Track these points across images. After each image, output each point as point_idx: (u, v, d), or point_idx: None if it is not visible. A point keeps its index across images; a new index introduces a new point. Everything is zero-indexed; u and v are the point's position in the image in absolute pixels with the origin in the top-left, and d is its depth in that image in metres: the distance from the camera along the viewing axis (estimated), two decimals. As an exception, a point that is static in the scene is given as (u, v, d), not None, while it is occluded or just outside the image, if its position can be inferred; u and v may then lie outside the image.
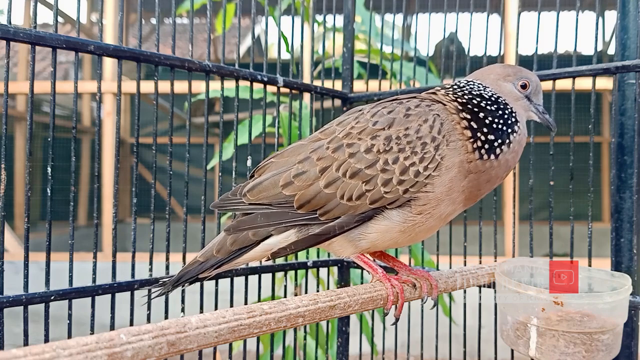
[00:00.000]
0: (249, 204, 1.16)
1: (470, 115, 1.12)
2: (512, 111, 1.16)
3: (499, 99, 1.17)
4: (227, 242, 1.16)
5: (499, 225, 4.91)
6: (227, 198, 1.21)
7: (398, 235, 1.10)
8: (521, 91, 1.21)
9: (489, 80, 1.22)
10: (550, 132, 1.30)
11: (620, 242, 1.41)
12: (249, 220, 1.15)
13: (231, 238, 1.15)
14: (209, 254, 1.17)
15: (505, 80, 1.21)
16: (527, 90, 1.21)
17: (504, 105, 1.16)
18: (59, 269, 1.64)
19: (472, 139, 1.09)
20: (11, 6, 1.18)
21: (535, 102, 1.23)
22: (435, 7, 1.83)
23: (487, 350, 1.71)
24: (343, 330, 1.88)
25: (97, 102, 1.39)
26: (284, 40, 2.18)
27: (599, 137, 7.45)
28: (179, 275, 1.18)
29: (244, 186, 1.19)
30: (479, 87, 1.19)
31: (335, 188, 1.09)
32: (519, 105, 1.20)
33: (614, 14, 5.57)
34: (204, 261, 1.17)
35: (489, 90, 1.19)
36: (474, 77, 1.25)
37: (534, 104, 1.22)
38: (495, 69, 1.24)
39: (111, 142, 5.30)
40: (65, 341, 0.66)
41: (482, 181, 1.11)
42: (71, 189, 1.29)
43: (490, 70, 1.25)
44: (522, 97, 1.21)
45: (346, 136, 1.13)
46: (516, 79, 1.21)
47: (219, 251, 1.16)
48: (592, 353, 1.10)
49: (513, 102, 1.19)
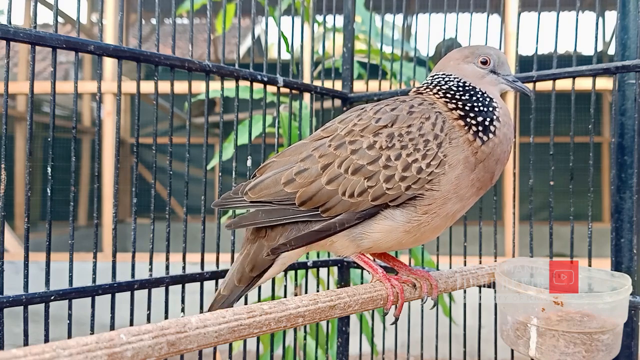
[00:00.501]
0: (250, 202, 1.16)
1: (455, 106, 1.13)
2: (481, 91, 1.16)
3: (465, 84, 1.17)
4: (245, 269, 1.18)
5: (499, 225, 4.91)
6: (228, 197, 1.21)
7: (402, 235, 1.10)
8: (483, 67, 1.20)
9: (450, 67, 1.22)
10: (528, 98, 1.29)
11: (620, 242, 1.41)
12: (250, 217, 1.15)
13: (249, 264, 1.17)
14: (231, 285, 1.20)
15: (465, 62, 1.21)
16: (489, 65, 1.21)
17: (473, 89, 1.16)
18: (59, 269, 1.64)
19: (466, 126, 1.10)
20: (11, 6, 1.18)
21: (502, 74, 1.22)
22: (435, 7, 1.83)
23: (487, 350, 1.71)
24: (343, 330, 1.88)
25: (97, 102, 1.39)
26: (284, 40, 2.18)
27: (599, 137, 7.44)
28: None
29: (246, 185, 1.19)
30: (445, 78, 1.20)
31: (337, 184, 1.09)
32: (486, 82, 1.20)
33: (614, 14, 5.56)
34: (228, 294, 1.20)
35: (453, 77, 1.19)
36: (436, 70, 1.25)
37: (501, 76, 1.22)
38: (452, 55, 1.24)
39: (111, 142, 5.30)
40: (65, 341, 0.66)
41: (492, 164, 1.12)
42: (71, 189, 1.29)
43: (448, 57, 1.25)
44: (486, 73, 1.20)
45: (348, 133, 1.13)
46: (475, 57, 1.21)
47: (240, 280, 1.19)
48: (592, 353, 1.10)
49: (479, 82, 1.19)
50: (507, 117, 1.16)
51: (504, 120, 1.14)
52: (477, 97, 1.15)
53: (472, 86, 1.17)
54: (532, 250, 1.56)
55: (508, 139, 1.14)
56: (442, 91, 1.17)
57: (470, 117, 1.11)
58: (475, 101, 1.14)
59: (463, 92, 1.16)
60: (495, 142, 1.11)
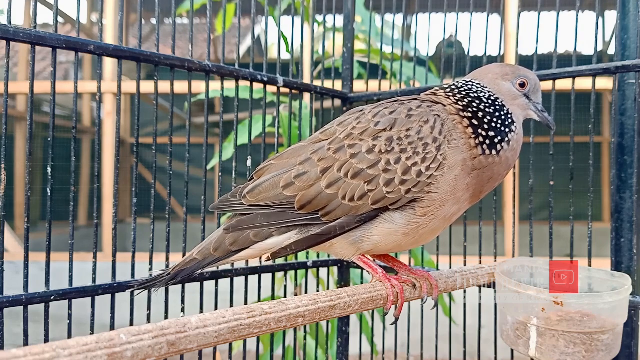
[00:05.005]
0: (249, 206, 1.16)
1: (471, 114, 1.13)
2: (508, 112, 1.17)
3: (496, 100, 1.17)
4: (225, 241, 1.15)
5: (499, 225, 4.91)
6: (226, 200, 1.21)
7: (401, 238, 1.10)
8: (520, 90, 1.21)
9: (487, 79, 1.22)
10: (549, 130, 1.31)
11: (620, 242, 1.41)
12: (249, 220, 1.15)
13: (231, 237, 1.15)
14: (206, 251, 1.16)
15: (503, 80, 1.21)
16: (525, 88, 1.21)
17: (501, 106, 1.17)
18: (59, 269, 1.64)
19: (474, 135, 1.10)
20: (11, 6, 1.18)
21: (534, 101, 1.23)
22: (435, 7, 1.83)
23: (487, 350, 1.71)
24: (343, 330, 1.88)
25: (97, 102, 1.39)
26: (284, 40, 2.18)
27: (599, 137, 7.44)
28: (175, 272, 1.16)
29: (244, 188, 1.19)
30: (477, 87, 1.20)
31: (337, 188, 1.09)
32: (517, 104, 1.20)
33: (614, 14, 5.56)
34: (201, 259, 1.16)
35: (487, 90, 1.19)
36: (472, 76, 1.25)
37: (532, 103, 1.22)
38: (493, 69, 1.24)
39: (111, 142, 5.30)
40: (65, 341, 0.66)
41: (485, 178, 1.12)
42: (71, 189, 1.29)
43: (489, 69, 1.25)
44: (520, 95, 1.21)
45: (347, 137, 1.13)
46: (514, 78, 1.21)
47: (216, 249, 1.15)
48: (592, 353, 1.10)
49: (511, 102, 1.19)
50: (517, 144, 1.16)
51: (513, 146, 1.14)
52: (501, 115, 1.15)
53: (502, 104, 1.17)
54: (532, 250, 1.57)
55: (508, 164, 1.15)
56: (467, 98, 1.16)
57: (483, 128, 1.11)
58: (498, 117, 1.14)
59: (490, 106, 1.15)
60: (495, 160, 1.11)
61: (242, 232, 1.14)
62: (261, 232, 1.13)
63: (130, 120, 7.60)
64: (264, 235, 1.13)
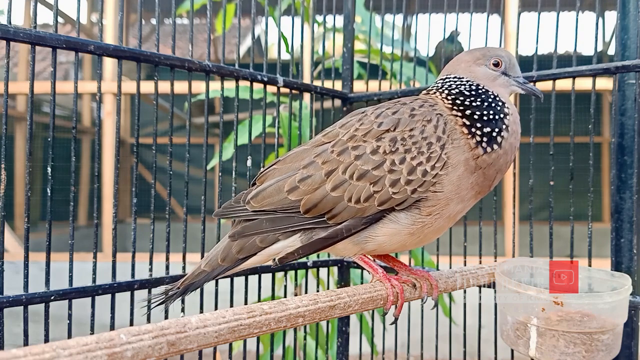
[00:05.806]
0: (253, 211, 1.15)
1: (461, 113, 1.12)
2: (495, 96, 1.15)
3: (478, 87, 1.16)
4: (232, 249, 1.14)
5: (499, 225, 4.91)
6: (229, 206, 1.20)
7: (407, 237, 1.10)
8: (495, 69, 1.20)
9: (461, 69, 1.21)
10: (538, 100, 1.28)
11: (620, 242, 1.41)
12: (254, 226, 1.14)
13: (237, 245, 1.14)
14: (214, 262, 1.16)
15: (477, 65, 1.20)
16: (501, 67, 1.20)
17: (485, 93, 1.15)
18: (59, 269, 1.64)
19: (470, 135, 1.10)
20: (11, 6, 1.18)
21: (513, 76, 1.22)
22: (435, 7, 1.83)
23: (487, 350, 1.71)
24: (343, 330, 1.88)
25: (97, 102, 1.40)
26: (284, 40, 2.18)
27: (599, 137, 7.44)
28: (185, 287, 1.17)
29: (247, 193, 1.17)
30: (455, 81, 1.19)
31: (343, 191, 1.08)
32: (498, 84, 1.19)
33: (614, 14, 5.56)
34: (210, 271, 1.16)
35: (464, 80, 1.18)
36: (446, 72, 1.24)
37: (512, 78, 1.21)
38: (463, 57, 1.23)
39: (111, 142, 5.30)
40: (65, 341, 0.66)
41: (492, 173, 1.12)
42: (71, 189, 1.29)
43: (459, 59, 1.24)
44: (498, 75, 1.20)
45: (351, 139, 1.12)
46: (487, 60, 1.20)
47: (224, 259, 1.15)
48: (592, 353, 1.10)
49: (491, 84, 1.18)
50: (515, 125, 1.15)
51: (512, 129, 1.13)
52: (489, 102, 1.14)
53: (485, 89, 1.16)
54: (532, 250, 1.56)
55: (513, 149, 1.14)
56: (451, 96, 1.16)
57: (476, 127, 1.10)
58: (487, 107, 1.13)
59: (475, 97, 1.14)
60: (499, 153, 1.11)
61: (248, 239, 1.14)
62: (267, 237, 1.13)
63: (130, 121, 7.60)
64: (270, 240, 1.13)
